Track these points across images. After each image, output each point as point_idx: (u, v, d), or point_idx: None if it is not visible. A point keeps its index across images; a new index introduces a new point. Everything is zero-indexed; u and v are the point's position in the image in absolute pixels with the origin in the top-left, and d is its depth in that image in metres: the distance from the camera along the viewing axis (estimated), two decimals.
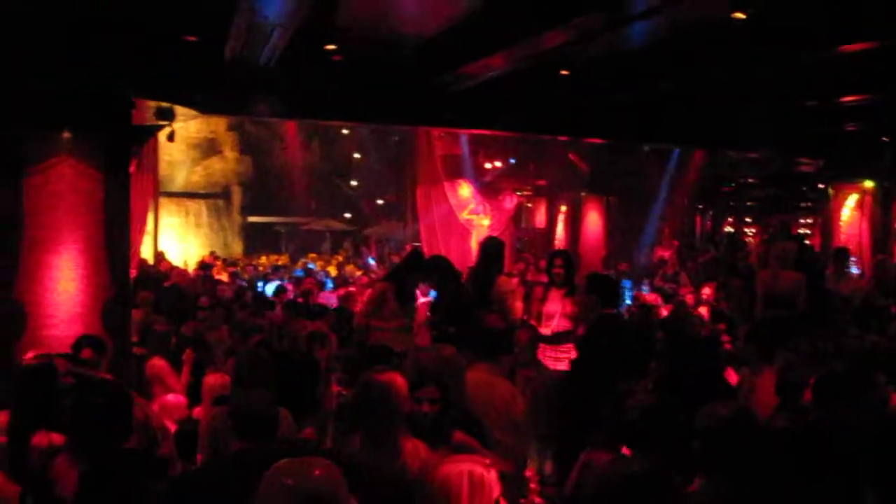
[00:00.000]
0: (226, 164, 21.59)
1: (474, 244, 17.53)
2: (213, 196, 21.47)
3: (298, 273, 15.18)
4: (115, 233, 6.30)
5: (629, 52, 6.65)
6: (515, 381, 4.90)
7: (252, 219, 22.25)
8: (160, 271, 13.00)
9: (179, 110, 6.99)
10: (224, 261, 17.19)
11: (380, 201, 23.63)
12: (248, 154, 21.82)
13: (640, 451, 3.32)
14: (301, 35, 5.82)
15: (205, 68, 6.46)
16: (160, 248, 16.41)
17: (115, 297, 6.21)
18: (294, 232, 23.20)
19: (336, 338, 6.70)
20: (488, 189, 17.25)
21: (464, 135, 15.23)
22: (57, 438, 3.57)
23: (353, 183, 23.68)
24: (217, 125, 20.27)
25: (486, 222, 17.04)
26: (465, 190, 16.85)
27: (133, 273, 9.48)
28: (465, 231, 16.96)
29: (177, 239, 19.83)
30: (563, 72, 6.96)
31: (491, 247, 6.62)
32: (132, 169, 7.67)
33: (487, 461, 2.61)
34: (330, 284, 13.82)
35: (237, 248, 21.65)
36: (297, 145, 21.53)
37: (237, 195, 21.90)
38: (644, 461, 2.74)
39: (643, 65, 6.99)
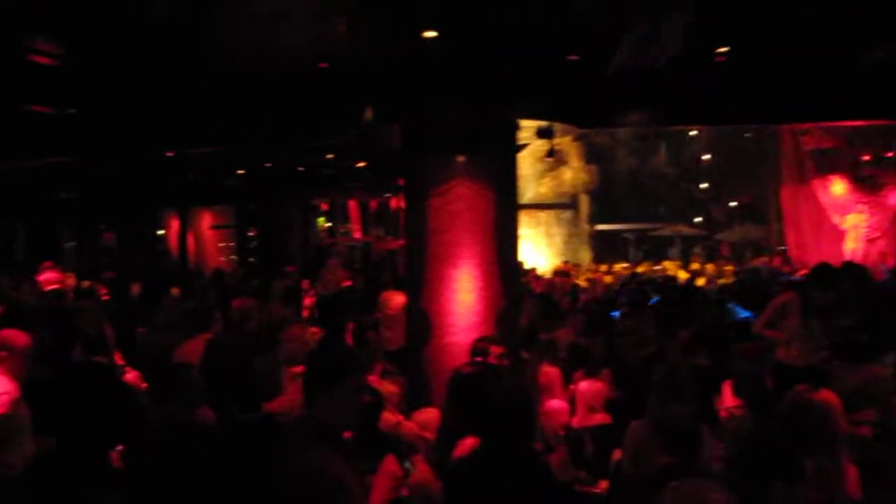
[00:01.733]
0: (572, 173, 22.11)
1: (850, 247, 15.78)
2: (561, 206, 22.14)
3: None
4: (504, 247, 6.65)
5: None
6: None
7: (599, 227, 22.52)
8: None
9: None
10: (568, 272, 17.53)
11: (733, 203, 22.42)
12: (594, 162, 22.14)
13: None
14: (685, 41, 5.69)
15: (585, 85, 6.58)
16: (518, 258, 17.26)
17: (507, 307, 6.60)
18: (642, 238, 23.00)
19: None
20: (866, 184, 15.40)
21: (838, 127, 13.80)
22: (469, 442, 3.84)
23: (703, 185, 22.81)
24: (562, 136, 20.81)
25: (863, 223, 15.24)
26: (839, 187, 15.24)
27: None
28: (838, 232, 15.36)
29: (531, 249, 20.78)
30: None
31: None
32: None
33: None
34: None
35: (585, 256, 22.06)
36: (643, 150, 21.37)
37: (584, 204, 22.33)
38: None
39: None
